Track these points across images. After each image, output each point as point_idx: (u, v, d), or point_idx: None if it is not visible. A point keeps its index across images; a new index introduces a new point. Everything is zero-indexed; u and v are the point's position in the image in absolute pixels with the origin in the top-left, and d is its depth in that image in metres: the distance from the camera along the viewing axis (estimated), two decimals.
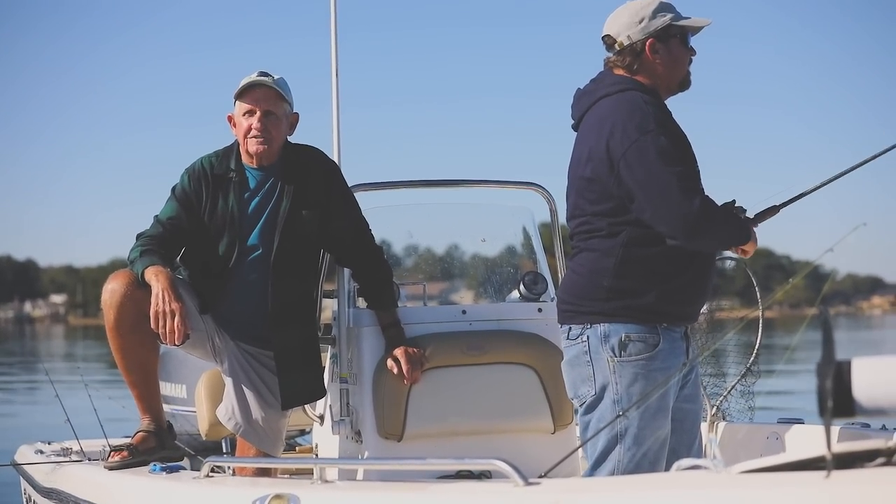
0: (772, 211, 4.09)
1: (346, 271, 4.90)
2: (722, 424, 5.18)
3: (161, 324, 4.41)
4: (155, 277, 4.45)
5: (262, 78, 4.71)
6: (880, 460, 2.53)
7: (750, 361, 5.25)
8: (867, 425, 4.54)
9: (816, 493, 2.36)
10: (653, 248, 3.82)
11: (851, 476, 2.43)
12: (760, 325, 5.19)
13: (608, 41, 4.01)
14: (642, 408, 3.74)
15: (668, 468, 3.75)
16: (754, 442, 4.93)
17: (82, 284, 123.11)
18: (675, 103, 4.05)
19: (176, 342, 4.42)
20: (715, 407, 5.21)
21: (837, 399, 2.39)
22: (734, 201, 3.97)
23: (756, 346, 5.22)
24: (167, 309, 4.40)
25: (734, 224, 3.89)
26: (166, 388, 6.67)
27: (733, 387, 5.25)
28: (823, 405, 2.39)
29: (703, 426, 5.13)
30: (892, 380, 2.36)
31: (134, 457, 4.73)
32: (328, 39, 5.31)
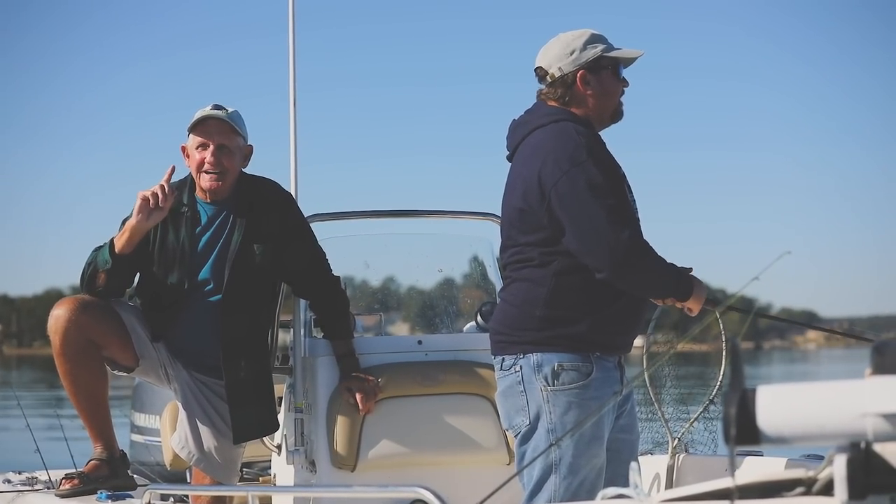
0: (711, 303, 3.99)
1: (303, 301, 4.90)
2: (682, 455, 5.17)
3: (149, 194, 4.54)
4: (123, 230, 4.60)
5: (216, 111, 4.72)
6: (799, 490, 2.53)
7: (713, 392, 5.24)
8: (820, 457, 4.52)
9: None
10: (585, 278, 3.80)
11: None
12: (724, 355, 5.17)
13: (540, 73, 4.00)
14: (577, 437, 3.72)
15: None
16: (713, 473, 4.89)
17: (17, 314, 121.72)
18: (683, 143, 3.97)
19: (161, 204, 4.54)
20: (676, 439, 5.19)
21: (741, 427, 2.39)
22: (691, 269, 3.93)
23: (720, 377, 5.21)
24: (151, 191, 4.55)
25: (668, 269, 3.84)
26: (140, 419, 6.66)
27: (696, 418, 5.24)
28: (727, 433, 2.38)
29: (663, 458, 5.15)
30: (791, 408, 2.36)
31: (85, 485, 4.74)
32: (286, 66, 5.32)
